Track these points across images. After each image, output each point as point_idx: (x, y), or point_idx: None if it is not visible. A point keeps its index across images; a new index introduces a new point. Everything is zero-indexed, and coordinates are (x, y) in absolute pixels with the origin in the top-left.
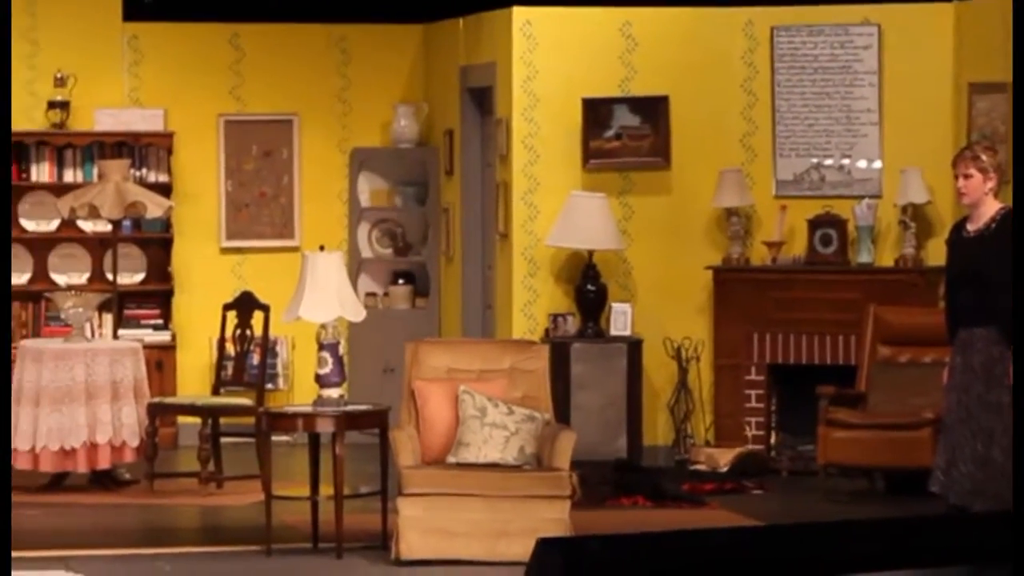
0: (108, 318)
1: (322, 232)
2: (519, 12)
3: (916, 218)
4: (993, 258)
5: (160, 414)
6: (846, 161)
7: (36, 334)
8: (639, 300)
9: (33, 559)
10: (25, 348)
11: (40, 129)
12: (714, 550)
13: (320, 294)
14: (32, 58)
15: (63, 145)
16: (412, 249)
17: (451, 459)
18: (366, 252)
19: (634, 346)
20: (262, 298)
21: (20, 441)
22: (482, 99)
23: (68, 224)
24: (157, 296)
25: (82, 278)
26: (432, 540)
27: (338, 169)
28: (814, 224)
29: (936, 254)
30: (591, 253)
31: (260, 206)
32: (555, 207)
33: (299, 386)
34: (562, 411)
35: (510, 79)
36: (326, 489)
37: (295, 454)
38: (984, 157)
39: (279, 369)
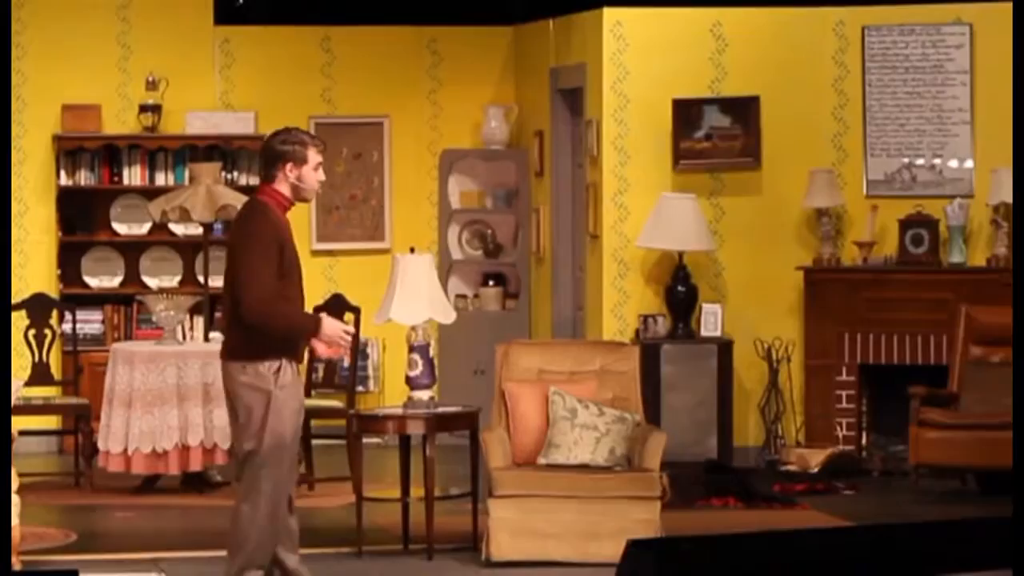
0: (199, 321)
1: (412, 234)
2: (609, 13)
3: (1008, 218)
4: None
5: None
6: (937, 161)
7: (128, 337)
8: (729, 301)
9: (125, 561)
10: (117, 351)
11: (132, 132)
12: (805, 551)
13: (410, 296)
14: (124, 61)
15: (155, 148)
16: (502, 251)
17: (542, 460)
18: (456, 254)
19: (724, 347)
20: (353, 300)
21: (112, 443)
22: (572, 100)
23: (159, 227)
24: None
25: (173, 281)
26: (522, 541)
27: (428, 171)
28: (905, 224)
29: None
30: (681, 254)
31: (351, 208)
32: (645, 208)
33: (390, 388)
34: (652, 412)
35: (600, 80)
36: (417, 491)
37: (386, 456)
38: None
39: (370, 371)
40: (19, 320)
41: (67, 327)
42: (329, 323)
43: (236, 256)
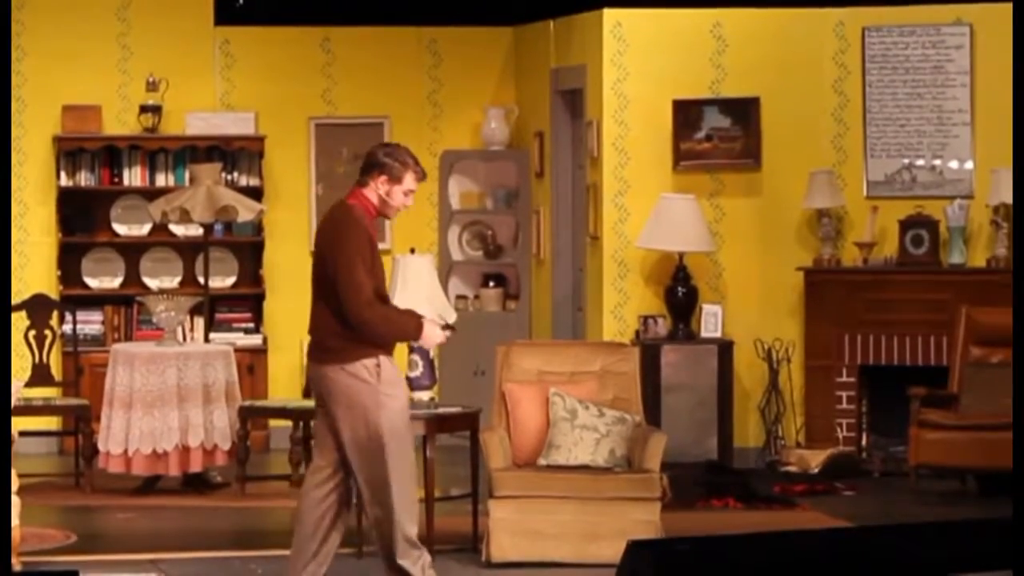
0: (200, 322)
1: (412, 235)
2: (609, 14)
3: (1008, 218)
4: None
5: (251, 417)
6: (938, 162)
7: (128, 338)
8: (729, 302)
9: (125, 562)
10: (117, 352)
11: (132, 133)
12: (805, 552)
13: (411, 297)
14: (124, 62)
15: (155, 149)
16: (503, 252)
17: (542, 461)
18: (456, 255)
19: (725, 348)
20: None
21: (113, 444)
22: (572, 101)
23: (160, 228)
24: (248, 299)
25: (174, 282)
26: (523, 542)
27: (428, 172)
28: (905, 225)
29: None
30: (681, 255)
31: None
32: (645, 209)
33: None
34: (652, 413)
35: (600, 81)
36: (417, 492)
37: None
38: None
39: None
40: (19, 321)
41: (67, 328)
42: (429, 329)
43: (331, 261)
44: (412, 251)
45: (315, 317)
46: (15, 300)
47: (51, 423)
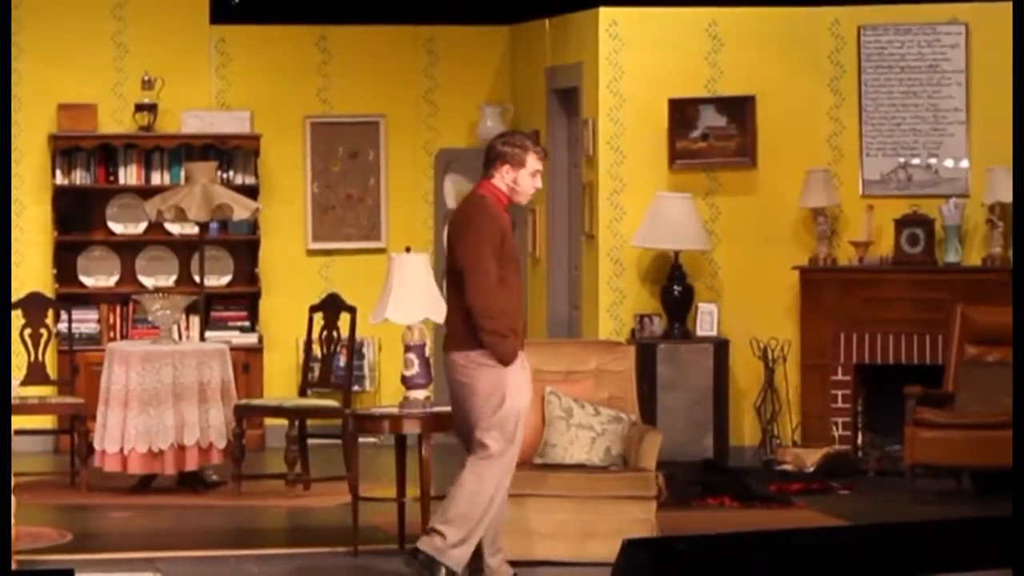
0: (195, 320)
1: (408, 233)
2: (605, 13)
3: (1004, 217)
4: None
5: (247, 416)
6: (933, 160)
7: (124, 336)
8: (725, 300)
9: (120, 560)
10: (113, 350)
11: (127, 132)
12: (801, 551)
13: (407, 296)
14: (119, 61)
15: (150, 148)
16: None
17: (537, 460)
18: None
19: (720, 346)
20: (349, 300)
21: (108, 443)
22: (568, 100)
23: (155, 227)
24: (244, 298)
25: (169, 280)
26: (518, 541)
27: (424, 170)
28: (901, 224)
29: None
30: (677, 253)
31: (346, 208)
32: (641, 208)
33: (385, 388)
34: (648, 412)
35: (596, 80)
36: (412, 490)
37: (382, 456)
38: None
39: (366, 371)
40: (15, 319)
41: (63, 326)
42: (520, 384)
43: (459, 249)
44: (408, 250)
45: (449, 308)
46: None
47: (46, 422)
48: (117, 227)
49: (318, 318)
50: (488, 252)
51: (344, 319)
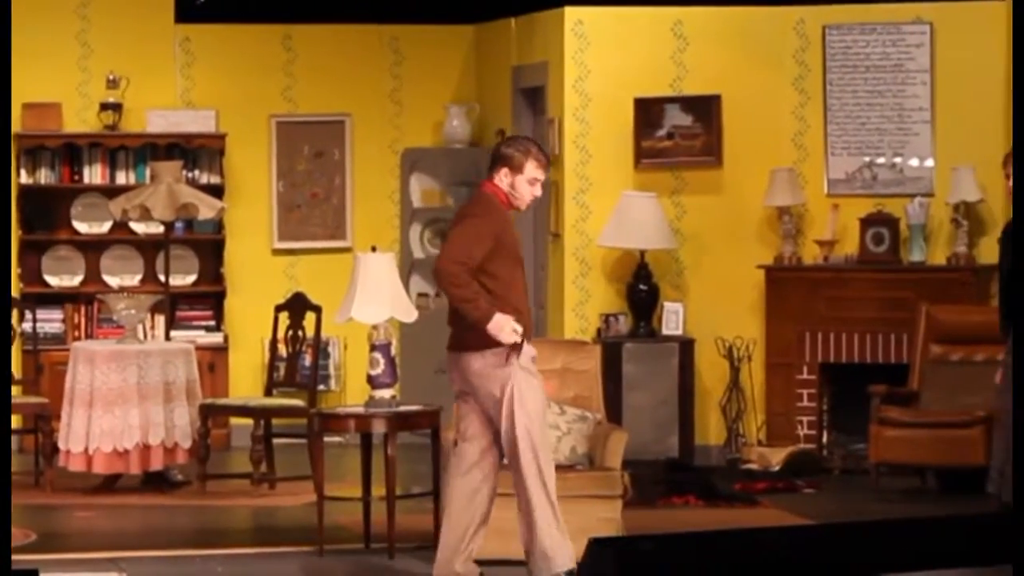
0: (160, 320)
1: (374, 233)
2: (571, 12)
3: (968, 216)
4: (1011, 257)
5: (212, 415)
6: (898, 159)
7: (89, 336)
8: (691, 299)
9: (85, 560)
10: (78, 350)
11: (92, 131)
12: (766, 549)
13: (372, 295)
14: (84, 60)
15: (115, 147)
16: None
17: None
18: (418, 253)
19: (686, 345)
20: (314, 299)
21: (73, 443)
22: (534, 99)
23: (120, 226)
24: (209, 297)
25: (134, 280)
26: (484, 540)
27: (390, 170)
28: (866, 223)
29: (988, 252)
30: (643, 253)
31: (312, 207)
32: (607, 207)
33: (351, 387)
34: (614, 411)
35: (562, 79)
36: (378, 490)
37: (347, 455)
38: None
39: (331, 370)
40: None
41: (27, 326)
42: (500, 320)
43: (449, 232)
44: (373, 249)
45: (452, 307)
46: None
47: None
48: (82, 226)
49: (283, 317)
50: (473, 235)
51: (310, 318)
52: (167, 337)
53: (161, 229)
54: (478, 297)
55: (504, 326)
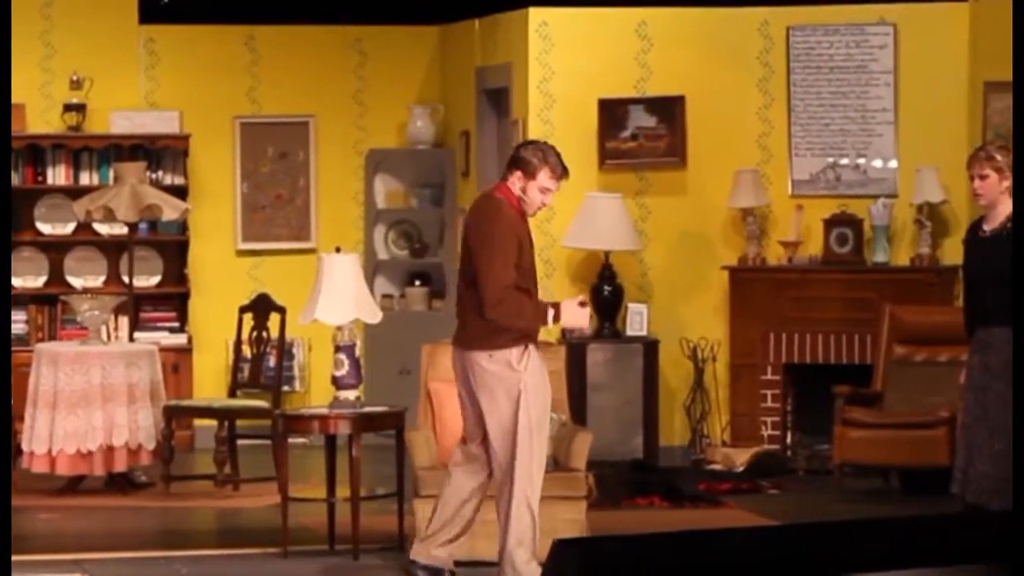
0: (124, 321)
1: (338, 234)
2: (535, 13)
3: (932, 217)
4: (1010, 257)
5: (176, 417)
6: (862, 160)
7: (52, 337)
8: (655, 300)
9: (49, 562)
10: (41, 351)
11: (56, 132)
12: (730, 550)
13: (336, 296)
14: (48, 60)
15: (79, 148)
16: (428, 250)
17: None
18: (382, 254)
19: (650, 346)
20: (278, 300)
21: (37, 444)
22: (498, 100)
23: (84, 227)
24: (173, 299)
25: (98, 281)
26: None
27: (354, 171)
28: (830, 223)
29: (952, 253)
30: (607, 254)
31: (276, 208)
32: (571, 208)
33: (315, 388)
34: (578, 412)
35: (526, 80)
36: (343, 491)
37: (311, 456)
38: (999, 157)
39: (295, 371)
40: None
41: None
42: (567, 312)
43: (475, 251)
44: (337, 250)
45: (462, 303)
46: None
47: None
48: (45, 227)
49: (248, 319)
50: (500, 257)
51: (274, 319)
52: (131, 338)
53: (125, 230)
54: (529, 311)
55: (575, 315)
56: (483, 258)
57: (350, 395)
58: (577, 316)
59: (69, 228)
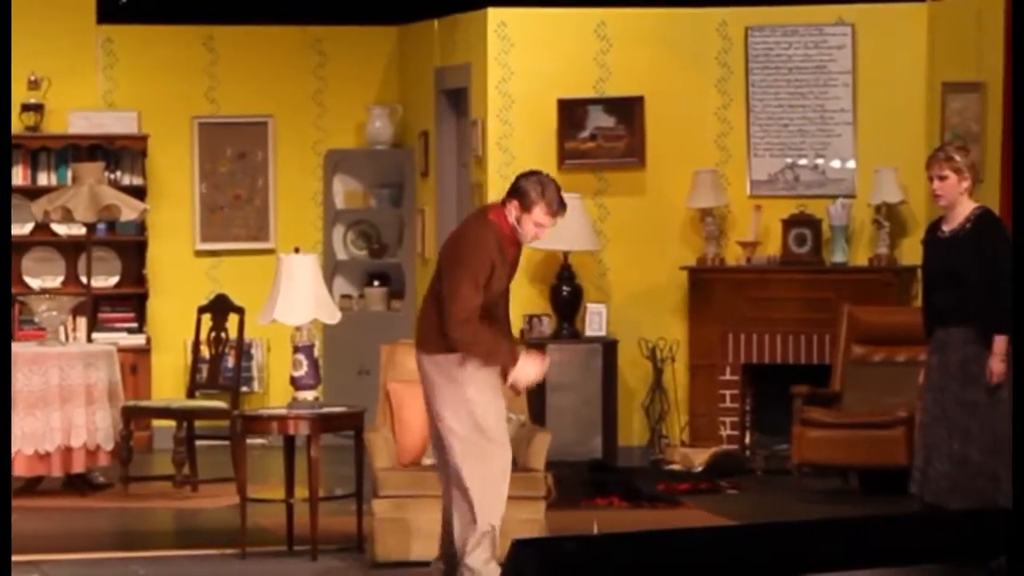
0: (82, 321)
1: (297, 234)
2: (494, 13)
3: (890, 217)
4: (969, 258)
5: (135, 417)
6: (820, 161)
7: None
8: (614, 301)
9: None
10: None
11: (14, 132)
12: (689, 550)
13: (295, 296)
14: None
15: (37, 148)
16: (387, 251)
17: (426, 461)
18: (341, 254)
19: (609, 347)
20: (237, 301)
21: None
22: (457, 100)
23: (42, 227)
24: (131, 299)
25: (56, 281)
26: (408, 541)
27: (313, 171)
28: (788, 224)
29: (910, 253)
30: (566, 254)
31: (235, 208)
32: None
33: (274, 388)
34: (537, 412)
35: (485, 80)
36: (301, 491)
37: (270, 457)
38: (957, 157)
39: (254, 372)
40: None
41: None
42: (524, 366)
43: (447, 270)
44: (296, 250)
45: (424, 307)
46: None
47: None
48: None
49: (206, 319)
50: (469, 282)
51: (232, 320)
52: (89, 339)
53: (83, 231)
54: (491, 345)
55: (529, 371)
56: (454, 277)
57: (309, 395)
58: (530, 374)
59: (27, 229)
